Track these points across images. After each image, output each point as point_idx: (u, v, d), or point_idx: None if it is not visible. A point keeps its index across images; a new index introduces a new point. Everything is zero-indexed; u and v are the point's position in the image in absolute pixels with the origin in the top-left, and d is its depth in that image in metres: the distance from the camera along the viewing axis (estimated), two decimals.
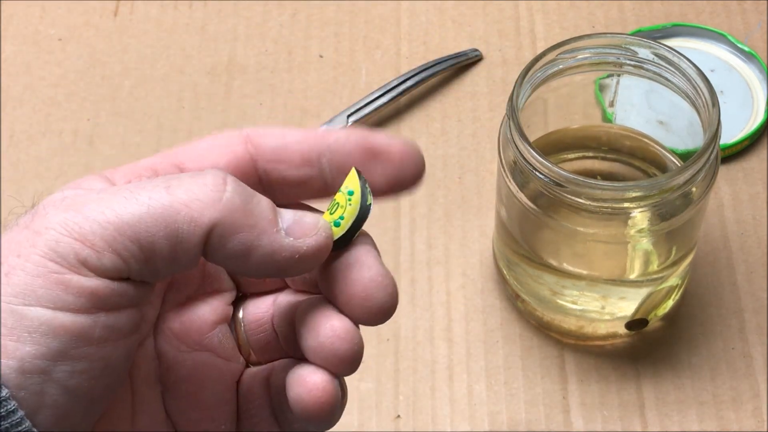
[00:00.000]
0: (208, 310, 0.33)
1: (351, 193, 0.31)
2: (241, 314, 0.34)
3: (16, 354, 0.26)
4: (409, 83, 0.59)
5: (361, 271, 0.30)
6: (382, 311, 0.30)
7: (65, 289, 0.27)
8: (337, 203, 0.31)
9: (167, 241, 0.28)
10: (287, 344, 0.34)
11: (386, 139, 0.32)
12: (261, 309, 0.34)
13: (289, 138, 0.32)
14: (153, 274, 0.29)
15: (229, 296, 0.34)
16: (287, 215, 0.30)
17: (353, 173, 0.31)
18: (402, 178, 0.32)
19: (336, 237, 0.30)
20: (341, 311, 0.30)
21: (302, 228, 0.30)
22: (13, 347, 0.26)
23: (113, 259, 0.27)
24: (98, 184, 0.31)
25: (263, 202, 0.29)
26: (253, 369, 0.34)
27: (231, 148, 0.32)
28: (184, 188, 0.28)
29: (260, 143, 0.32)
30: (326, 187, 0.32)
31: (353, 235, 0.31)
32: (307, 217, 0.30)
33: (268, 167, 0.32)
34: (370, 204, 0.31)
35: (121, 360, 0.29)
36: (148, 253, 0.28)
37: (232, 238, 0.28)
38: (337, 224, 0.31)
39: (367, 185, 0.31)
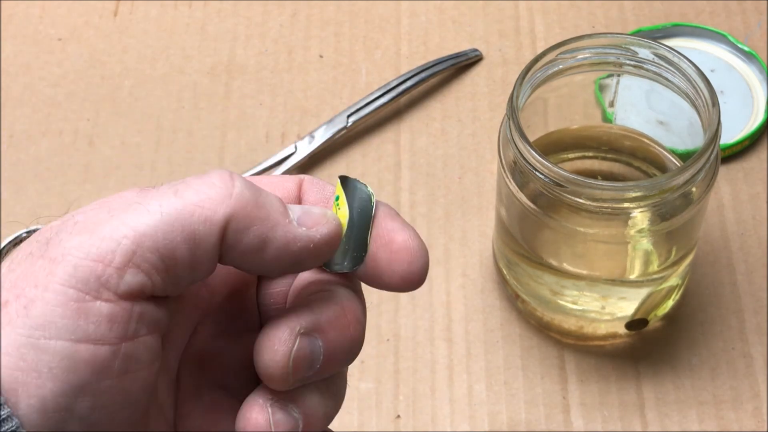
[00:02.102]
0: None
1: (337, 198, 0.32)
2: None
3: (38, 393, 0.26)
4: (409, 83, 0.59)
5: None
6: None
7: (86, 318, 0.26)
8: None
9: (186, 245, 0.27)
10: None
11: (406, 236, 0.33)
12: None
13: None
14: (175, 285, 0.28)
15: None
16: (296, 208, 0.30)
17: (338, 183, 0.32)
18: (404, 279, 0.32)
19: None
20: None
21: (312, 218, 0.30)
22: (35, 386, 0.26)
23: (135, 274, 0.27)
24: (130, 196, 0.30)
25: (272, 196, 0.29)
26: None
27: (285, 184, 0.33)
28: (193, 190, 0.28)
29: (306, 190, 0.33)
30: None
31: (365, 234, 0.32)
32: (314, 209, 0.30)
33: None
34: (369, 198, 0.32)
35: (140, 391, 0.28)
36: (169, 262, 0.27)
37: (247, 233, 0.28)
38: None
39: (359, 185, 0.32)
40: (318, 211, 0.30)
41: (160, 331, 0.29)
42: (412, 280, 0.31)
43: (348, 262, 0.31)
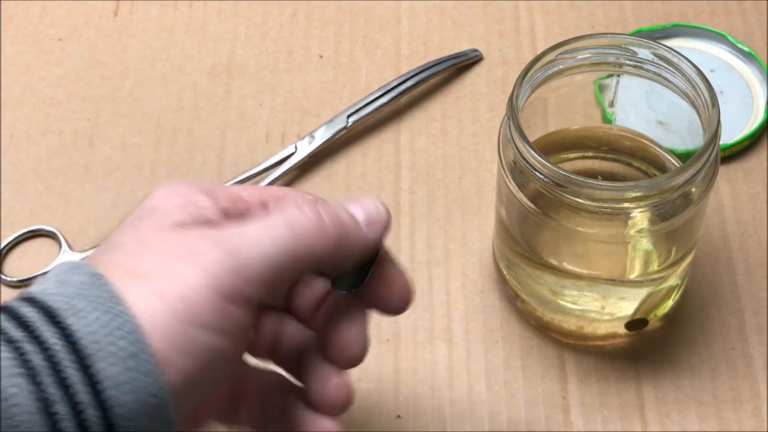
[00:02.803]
0: None
1: None
2: None
3: (179, 371, 0.30)
4: (409, 83, 0.59)
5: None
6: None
7: (226, 316, 0.31)
8: None
9: (295, 272, 0.34)
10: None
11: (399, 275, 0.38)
12: None
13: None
14: (276, 298, 0.38)
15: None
16: (356, 210, 0.36)
17: None
18: (391, 304, 0.38)
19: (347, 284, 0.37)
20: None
21: (371, 216, 0.36)
22: (180, 362, 0.30)
23: (262, 292, 0.32)
24: (208, 203, 0.34)
25: (341, 212, 0.35)
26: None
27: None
28: (298, 223, 0.33)
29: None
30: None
31: (364, 276, 0.37)
32: (368, 203, 0.36)
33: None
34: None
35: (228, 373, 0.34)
36: (282, 283, 0.33)
37: (335, 254, 0.35)
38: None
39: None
40: (372, 207, 0.36)
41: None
42: (402, 310, 0.38)
43: (349, 286, 0.37)
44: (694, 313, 0.51)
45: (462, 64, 0.60)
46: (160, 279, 0.30)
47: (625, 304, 0.48)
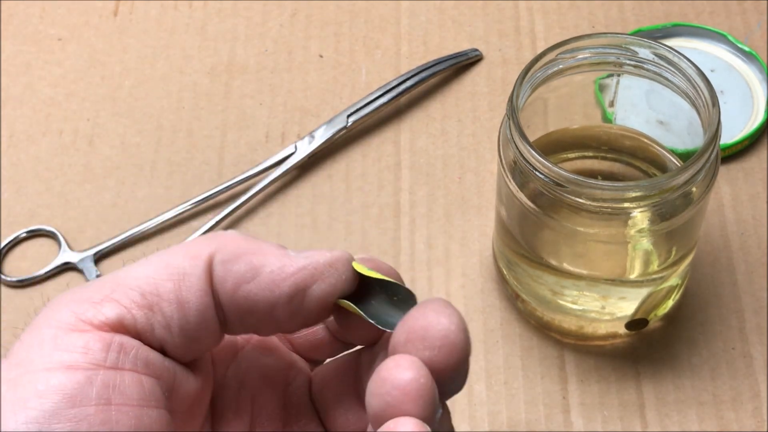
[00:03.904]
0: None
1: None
2: None
3: (16, 419, 0.25)
4: (409, 83, 0.59)
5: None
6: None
7: (60, 348, 0.26)
8: None
9: (171, 281, 0.27)
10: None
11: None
12: None
13: None
14: (166, 327, 0.27)
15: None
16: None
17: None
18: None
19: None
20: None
21: (314, 252, 0.29)
22: (12, 414, 0.25)
23: (113, 307, 0.27)
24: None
25: (267, 242, 0.29)
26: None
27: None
28: (184, 243, 0.29)
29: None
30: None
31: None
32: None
33: None
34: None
35: (132, 427, 0.26)
36: (152, 297, 0.27)
37: (236, 261, 0.28)
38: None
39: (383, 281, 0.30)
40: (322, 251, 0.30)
41: (158, 376, 0.27)
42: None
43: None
44: (694, 313, 0.51)
45: (462, 64, 0.60)
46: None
47: (626, 304, 0.48)
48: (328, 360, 0.34)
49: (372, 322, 0.29)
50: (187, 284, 0.27)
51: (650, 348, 0.50)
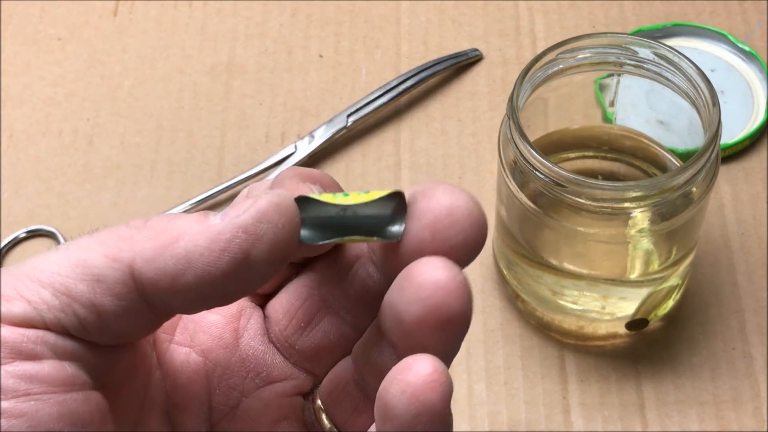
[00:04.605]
0: (265, 405, 0.30)
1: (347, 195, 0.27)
2: (318, 401, 0.31)
3: None
4: (409, 83, 0.59)
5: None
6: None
7: None
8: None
9: (84, 282, 0.25)
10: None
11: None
12: (337, 371, 0.30)
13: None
14: (79, 328, 0.26)
15: (293, 385, 0.31)
16: (223, 211, 0.26)
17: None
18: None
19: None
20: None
21: (237, 207, 0.26)
22: None
23: (22, 306, 0.25)
24: None
25: (185, 215, 0.26)
26: None
27: None
28: (105, 231, 0.26)
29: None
30: None
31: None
32: (241, 199, 0.27)
33: None
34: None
35: (52, 419, 0.25)
36: (64, 299, 0.25)
37: (162, 256, 0.26)
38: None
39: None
40: (244, 200, 0.26)
41: (80, 359, 0.26)
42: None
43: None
44: (694, 313, 0.51)
45: (462, 63, 0.60)
46: None
47: (626, 304, 0.48)
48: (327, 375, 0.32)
49: (376, 239, 0.27)
50: (102, 288, 0.26)
51: (650, 348, 0.50)
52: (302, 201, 0.27)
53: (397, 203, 0.27)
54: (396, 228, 0.27)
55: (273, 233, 0.25)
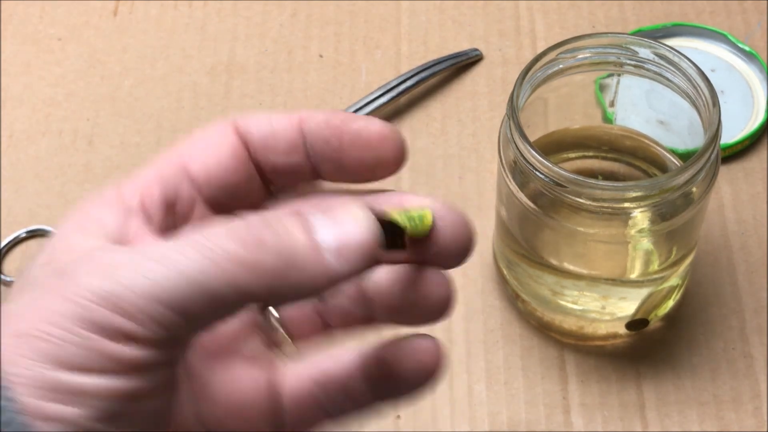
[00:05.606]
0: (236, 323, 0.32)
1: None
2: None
3: (64, 416, 0.25)
4: (409, 83, 0.59)
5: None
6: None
7: (103, 355, 0.25)
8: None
9: (206, 305, 0.26)
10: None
11: (364, 122, 0.31)
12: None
13: (275, 124, 0.32)
14: (193, 333, 0.27)
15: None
16: (324, 228, 0.27)
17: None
18: (381, 162, 0.31)
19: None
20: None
21: (348, 239, 0.28)
22: (58, 410, 0.25)
23: (154, 329, 0.26)
24: (111, 217, 0.29)
25: (291, 234, 0.27)
26: (294, 370, 0.33)
27: (227, 139, 0.33)
28: (215, 251, 0.26)
29: (249, 131, 0.32)
30: (316, 174, 0.32)
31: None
32: (346, 219, 0.28)
33: (259, 156, 0.32)
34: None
35: (166, 408, 0.28)
36: (190, 318, 0.26)
37: (273, 283, 0.27)
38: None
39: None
40: (350, 223, 0.28)
41: (180, 359, 0.28)
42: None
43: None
44: (694, 314, 0.51)
45: (462, 63, 0.60)
46: (23, 317, 0.25)
47: (626, 304, 0.48)
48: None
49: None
50: (221, 307, 0.27)
51: (651, 348, 0.50)
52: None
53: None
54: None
55: (368, 267, 0.28)
